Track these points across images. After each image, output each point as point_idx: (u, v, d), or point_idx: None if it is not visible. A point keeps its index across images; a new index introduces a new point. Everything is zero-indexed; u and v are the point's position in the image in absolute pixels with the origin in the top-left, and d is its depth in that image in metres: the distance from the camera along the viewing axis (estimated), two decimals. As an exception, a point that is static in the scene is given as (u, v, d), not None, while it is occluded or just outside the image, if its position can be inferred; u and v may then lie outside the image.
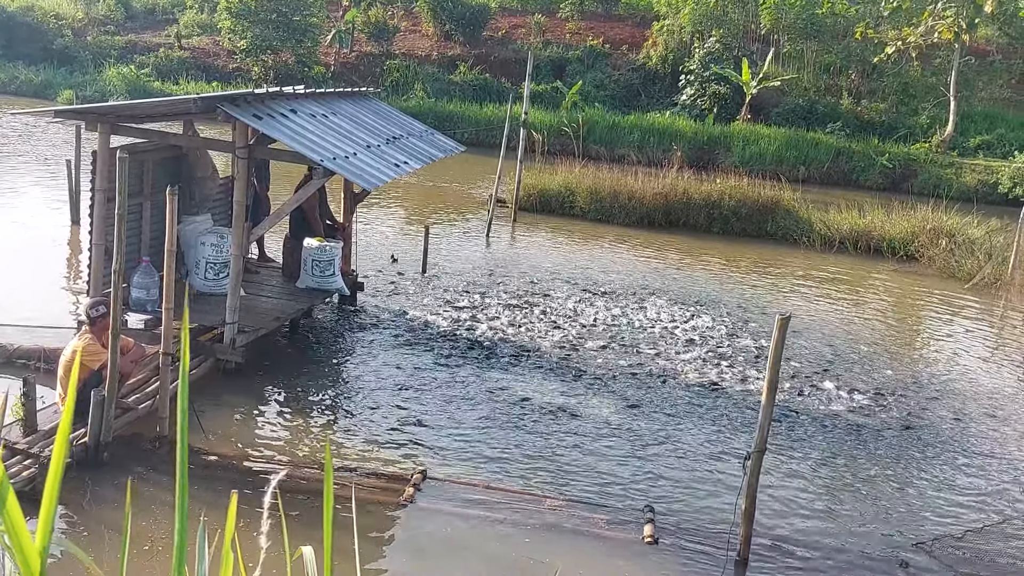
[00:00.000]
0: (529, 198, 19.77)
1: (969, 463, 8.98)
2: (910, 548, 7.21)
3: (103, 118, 9.23)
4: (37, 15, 35.60)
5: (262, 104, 9.32)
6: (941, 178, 27.57)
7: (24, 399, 7.19)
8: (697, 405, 9.79)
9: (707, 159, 28.26)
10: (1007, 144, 29.42)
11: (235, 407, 8.68)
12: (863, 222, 19.03)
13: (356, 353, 10.51)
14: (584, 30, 37.13)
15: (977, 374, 11.85)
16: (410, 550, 6.62)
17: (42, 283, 11.88)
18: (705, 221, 19.33)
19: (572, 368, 10.49)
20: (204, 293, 10.08)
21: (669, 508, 7.45)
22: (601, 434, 8.80)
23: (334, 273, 10.94)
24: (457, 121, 29.80)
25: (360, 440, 8.21)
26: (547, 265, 15.33)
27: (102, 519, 6.59)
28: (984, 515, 7.92)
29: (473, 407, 9.15)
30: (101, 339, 7.42)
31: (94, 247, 9.26)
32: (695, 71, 32.03)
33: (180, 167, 10.53)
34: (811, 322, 13.37)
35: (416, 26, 37.75)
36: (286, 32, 32.29)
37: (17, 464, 6.67)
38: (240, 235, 9.10)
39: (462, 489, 7.39)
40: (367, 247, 14.37)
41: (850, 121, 30.76)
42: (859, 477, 8.47)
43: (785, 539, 7.19)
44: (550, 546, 6.73)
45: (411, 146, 11.45)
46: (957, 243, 17.70)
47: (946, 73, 31.19)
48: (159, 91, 30.31)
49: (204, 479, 6.94)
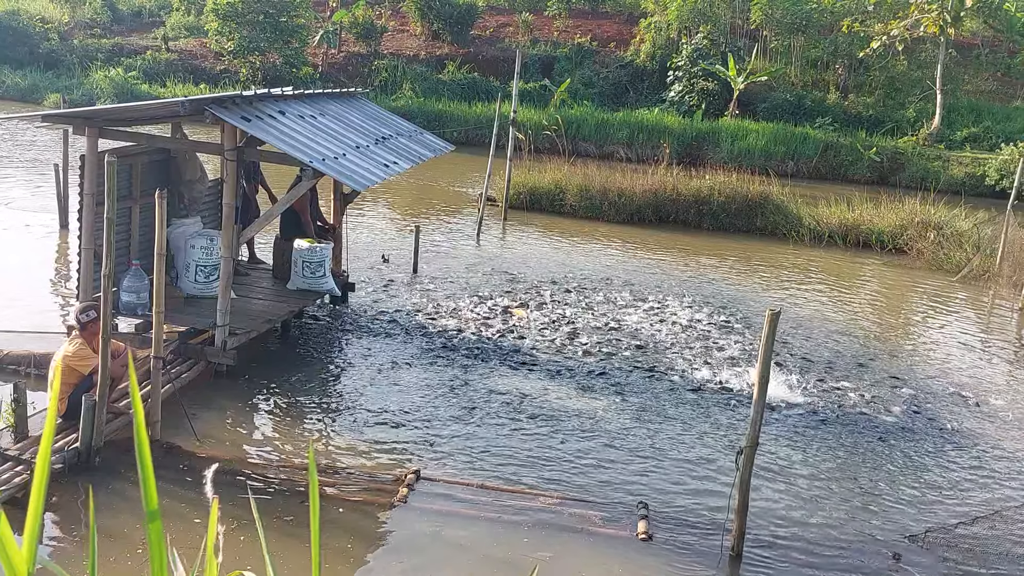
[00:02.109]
0: (519, 196, 19.78)
1: (960, 455, 9.03)
2: (902, 540, 7.25)
3: (91, 122, 9.20)
4: (23, 19, 35.41)
5: (250, 106, 9.29)
6: (928, 171, 27.70)
7: (15, 405, 7.16)
8: (689, 400, 9.81)
9: (696, 155, 28.32)
10: (993, 136, 29.57)
11: (226, 410, 8.66)
12: (852, 216, 19.11)
13: (348, 354, 10.50)
14: (572, 28, 37.15)
15: (967, 366, 11.91)
16: (404, 550, 6.63)
17: (31, 288, 11.82)
18: (695, 217, 19.38)
19: (564, 365, 10.50)
20: (194, 296, 10.06)
21: (663, 504, 7.47)
22: (594, 431, 8.82)
23: (325, 274, 10.93)
24: (446, 120, 29.78)
25: (353, 441, 8.21)
26: (538, 263, 15.34)
27: (96, 525, 6.56)
28: (975, 507, 7.97)
29: (466, 406, 9.16)
30: (92, 343, 7.40)
31: (83, 251, 9.23)
32: (683, 67, 32.10)
33: (169, 170, 10.50)
34: (802, 316, 13.41)
35: (404, 26, 37.71)
36: (273, 33, 32.21)
37: (8, 471, 6.65)
38: (230, 237, 9.08)
39: (456, 488, 7.40)
40: (358, 248, 14.36)
41: (838, 115, 30.88)
42: (850, 470, 8.50)
43: (778, 533, 7.22)
44: (544, 544, 6.74)
45: (400, 146, 11.45)
46: (945, 236, 17.80)
47: (932, 66, 31.35)
48: (147, 94, 30.19)
49: (189, 482, 6.93)
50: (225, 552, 2.04)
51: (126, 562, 6.07)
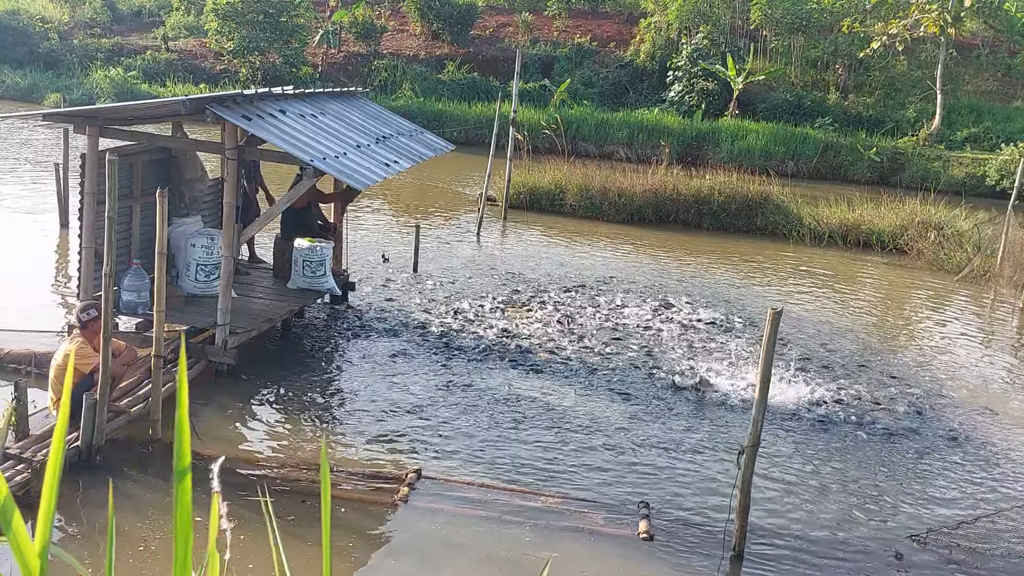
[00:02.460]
0: (519, 196, 19.77)
1: (961, 455, 9.03)
2: (904, 540, 7.25)
3: (91, 121, 9.19)
4: (23, 18, 35.41)
5: (251, 105, 9.29)
6: (929, 171, 27.71)
7: (16, 404, 7.16)
8: (690, 400, 9.81)
9: (696, 155, 28.33)
10: (994, 136, 29.59)
11: (227, 408, 8.66)
12: (852, 216, 19.12)
13: (348, 353, 10.50)
14: (571, 28, 37.15)
15: (968, 366, 11.90)
16: (405, 549, 6.62)
17: (32, 287, 11.81)
18: (695, 217, 19.38)
19: (565, 365, 10.50)
20: (195, 295, 10.05)
21: (665, 504, 7.47)
22: (596, 431, 8.81)
23: (325, 273, 10.92)
24: (446, 120, 29.78)
25: (353, 440, 8.20)
26: (538, 263, 15.33)
27: (95, 522, 6.57)
28: (977, 506, 7.97)
29: (466, 405, 9.15)
30: (92, 342, 7.40)
31: (84, 250, 9.23)
32: (683, 67, 32.10)
33: (169, 169, 10.49)
34: (802, 316, 13.41)
35: (404, 25, 37.70)
36: (273, 33, 32.21)
37: (10, 469, 6.64)
38: (231, 236, 9.08)
39: (457, 487, 7.40)
40: (358, 247, 14.36)
41: (838, 115, 30.88)
42: (852, 470, 8.50)
43: (780, 532, 7.22)
44: (546, 543, 6.73)
45: (401, 145, 11.44)
46: (946, 236, 17.80)
47: (932, 67, 31.35)
48: (146, 93, 30.16)
49: (196, 481, 6.92)
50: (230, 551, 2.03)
51: (127, 559, 6.07)
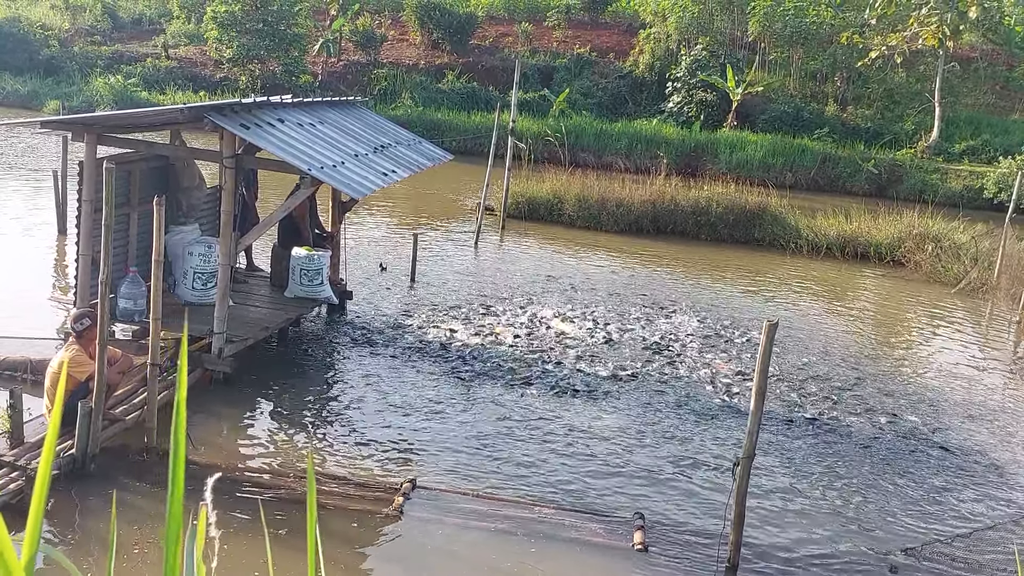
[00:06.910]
0: (517, 206, 19.80)
1: (958, 468, 9.01)
2: (899, 553, 7.24)
3: (90, 128, 9.20)
4: (23, 26, 35.50)
5: (249, 114, 9.31)
6: (927, 183, 27.78)
7: (11, 411, 7.15)
8: (685, 411, 9.80)
9: (694, 166, 28.41)
10: (992, 149, 29.67)
11: (223, 417, 8.65)
12: (850, 228, 19.15)
13: (344, 362, 10.49)
14: (571, 38, 37.27)
15: (965, 379, 11.90)
16: (399, 560, 6.60)
17: (29, 294, 11.81)
18: (693, 228, 19.40)
19: (560, 377, 10.49)
20: (192, 303, 10.05)
21: (660, 515, 7.45)
22: (591, 441, 8.79)
23: (322, 282, 10.92)
24: (445, 129, 29.85)
25: (349, 450, 8.19)
26: (536, 273, 15.34)
27: (89, 530, 6.55)
28: (973, 520, 7.96)
29: (462, 416, 9.14)
30: (88, 350, 7.39)
31: (81, 258, 9.22)
32: (682, 78, 32.21)
33: (167, 177, 10.50)
34: (799, 328, 13.41)
35: (404, 35, 37.81)
36: (273, 41, 32.30)
37: (4, 477, 6.63)
38: (228, 245, 9.08)
39: (452, 498, 7.38)
40: (356, 256, 14.36)
41: (836, 127, 30.98)
42: (848, 483, 8.48)
43: (775, 545, 7.20)
44: (541, 554, 6.72)
45: (399, 155, 11.46)
46: (943, 248, 17.83)
47: (931, 79, 31.46)
48: (146, 101, 30.23)
49: (190, 490, 6.90)
50: (218, 559, 2.03)
51: (120, 564, 6.05)
